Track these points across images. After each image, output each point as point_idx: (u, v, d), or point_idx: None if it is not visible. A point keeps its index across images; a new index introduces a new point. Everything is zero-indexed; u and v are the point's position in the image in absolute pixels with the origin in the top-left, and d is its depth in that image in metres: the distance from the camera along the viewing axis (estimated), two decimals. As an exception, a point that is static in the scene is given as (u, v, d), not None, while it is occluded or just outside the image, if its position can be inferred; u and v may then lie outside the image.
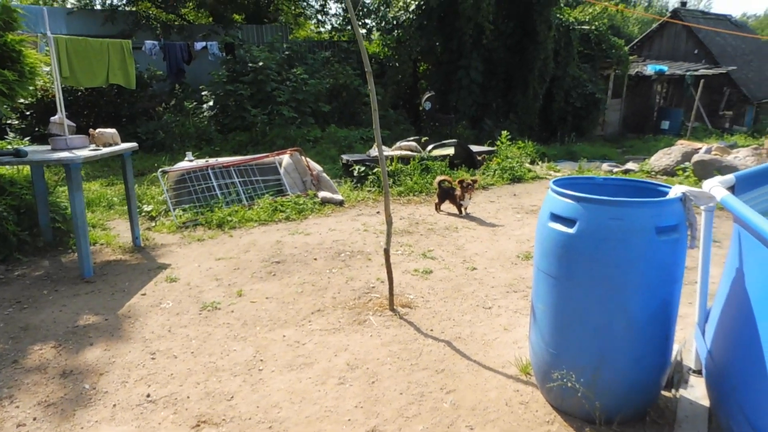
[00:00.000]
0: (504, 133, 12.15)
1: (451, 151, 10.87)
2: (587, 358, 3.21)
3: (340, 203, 8.63)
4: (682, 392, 3.56)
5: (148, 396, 3.66)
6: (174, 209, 7.84)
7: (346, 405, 3.52)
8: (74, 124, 6.90)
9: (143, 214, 7.94)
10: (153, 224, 7.59)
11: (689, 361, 3.86)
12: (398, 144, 11.37)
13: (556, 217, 3.28)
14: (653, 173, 10.95)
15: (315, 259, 6.12)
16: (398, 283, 5.00)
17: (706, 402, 3.44)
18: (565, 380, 3.19)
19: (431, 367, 3.93)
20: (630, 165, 11.79)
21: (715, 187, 3.41)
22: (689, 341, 4.04)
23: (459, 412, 3.44)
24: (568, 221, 3.20)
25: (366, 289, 5.26)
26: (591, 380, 3.17)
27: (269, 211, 7.95)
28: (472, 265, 5.90)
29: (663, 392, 3.55)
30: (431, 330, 4.48)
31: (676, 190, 3.27)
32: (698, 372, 3.75)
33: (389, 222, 4.77)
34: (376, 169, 9.74)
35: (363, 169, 9.90)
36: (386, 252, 4.75)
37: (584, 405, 3.20)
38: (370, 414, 3.43)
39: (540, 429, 3.28)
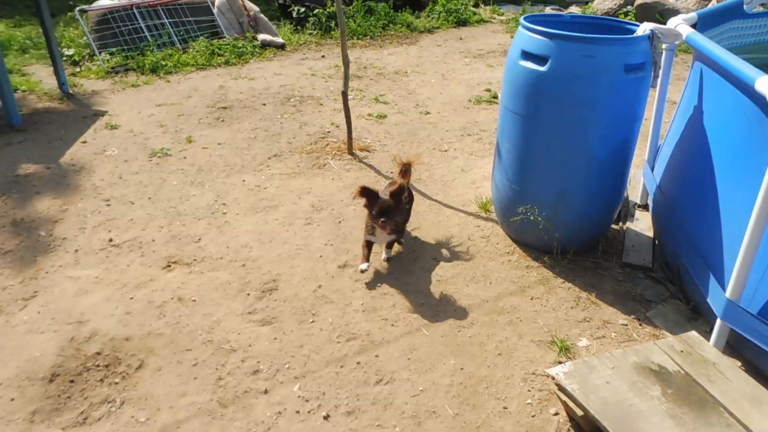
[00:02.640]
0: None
1: (395, -8, 10.30)
2: (549, 193, 3.36)
3: (282, 46, 8.17)
4: (629, 224, 3.85)
5: (111, 240, 3.60)
6: (99, 53, 7.20)
7: (316, 243, 3.61)
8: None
9: (65, 58, 7.24)
10: (78, 69, 6.98)
11: (635, 197, 4.14)
12: (338, -16, 10.63)
13: (527, 55, 3.24)
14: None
15: (263, 104, 5.89)
16: (354, 127, 4.93)
17: (650, 233, 3.75)
18: (528, 214, 3.36)
19: (394, 207, 4.03)
20: (572, 9, 11.64)
21: (681, 24, 3.42)
22: (635, 178, 4.30)
23: (424, 247, 3.60)
24: (540, 59, 3.17)
25: (321, 134, 5.18)
26: (551, 214, 3.35)
27: (206, 54, 7.45)
28: (425, 109, 5.87)
29: (612, 225, 3.82)
30: (391, 172, 4.52)
31: (644, 27, 3.26)
32: (643, 206, 4.04)
33: (346, 63, 4.59)
34: (316, 11, 9.16)
35: (303, 10, 9.29)
36: (344, 95, 4.62)
37: (543, 237, 3.41)
38: (340, 251, 3.54)
39: (501, 259, 3.50)
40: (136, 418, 2.44)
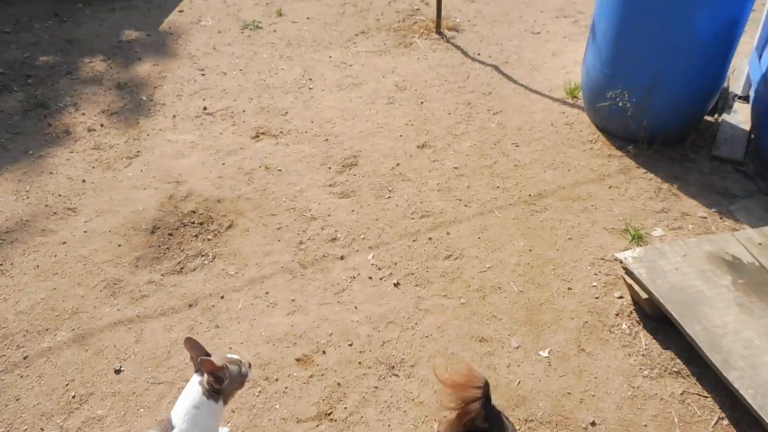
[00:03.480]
0: None
1: None
2: (642, 78, 3.18)
3: None
4: (725, 117, 3.60)
5: (205, 109, 3.81)
6: None
7: (397, 122, 3.65)
8: None
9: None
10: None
11: (736, 88, 3.83)
12: None
13: (635, -77, 2.95)
14: None
15: (353, -22, 5.74)
16: (444, 5, 4.74)
17: (746, 126, 3.51)
18: (617, 100, 3.22)
19: (478, 90, 3.96)
20: None
21: None
22: (739, 68, 3.95)
23: (505, 131, 3.57)
24: (649, -73, 2.88)
25: (410, 11, 5.04)
26: (642, 100, 3.20)
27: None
28: None
29: (706, 117, 3.60)
30: (478, 54, 4.39)
31: None
32: (744, 98, 3.74)
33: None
34: None
35: None
36: (434, -32, 4.42)
37: (630, 125, 3.28)
38: (420, 131, 3.58)
39: (583, 146, 3.43)
40: (227, 271, 2.72)
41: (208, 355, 1.68)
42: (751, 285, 2.35)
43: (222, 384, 1.66)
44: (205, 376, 1.66)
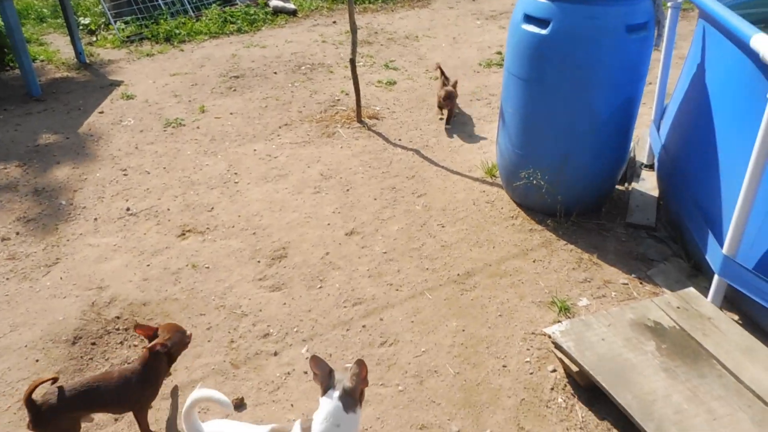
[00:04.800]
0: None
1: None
2: (552, 156, 3.40)
3: (294, 13, 8.14)
4: (634, 185, 3.87)
5: (128, 210, 3.73)
6: (115, 22, 7.27)
7: (324, 211, 3.70)
8: None
9: (81, 27, 7.31)
10: (94, 39, 7.06)
11: (641, 157, 4.14)
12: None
13: (529, 19, 3.23)
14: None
15: (275, 73, 5.93)
16: (363, 95, 4.96)
17: (655, 193, 3.77)
18: (531, 178, 3.40)
19: (402, 174, 4.10)
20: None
21: (685, -18, 3.38)
22: (643, 138, 4.29)
23: (430, 213, 3.68)
24: (542, 22, 3.16)
25: (331, 102, 5.22)
26: (555, 177, 3.39)
27: (219, 22, 7.46)
28: (435, 74, 5.85)
29: (617, 186, 3.85)
30: (399, 139, 4.57)
31: (647, -13, 3.22)
32: (650, 166, 4.04)
33: (354, 30, 4.59)
34: (328, -25, 9.05)
35: (314, -26, 9.18)
36: (352, 62, 4.64)
37: (546, 200, 3.46)
38: (348, 218, 3.63)
39: (505, 223, 3.56)
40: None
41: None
42: (674, 349, 2.46)
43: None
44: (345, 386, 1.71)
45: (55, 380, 2.11)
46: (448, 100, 4.69)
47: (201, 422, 1.96)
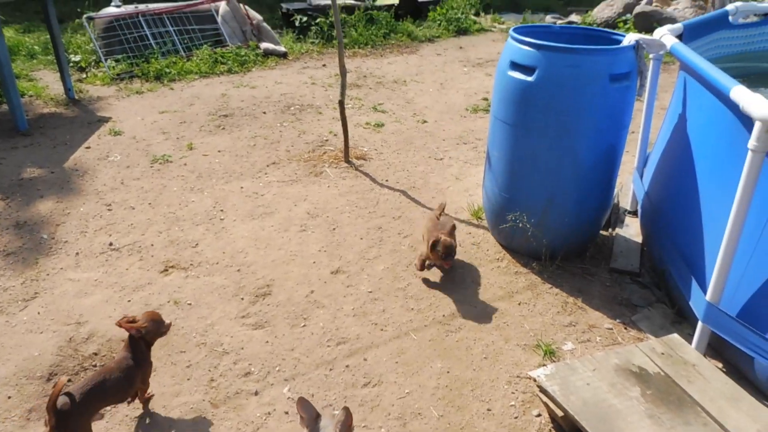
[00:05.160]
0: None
1: (395, 0, 10.43)
2: (537, 200, 3.44)
3: (284, 55, 8.29)
4: (618, 231, 3.91)
5: (111, 244, 3.69)
6: (106, 60, 7.34)
7: (310, 249, 3.69)
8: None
9: (72, 64, 7.38)
10: (84, 76, 7.11)
11: (625, 204, 4.20)
12: (341, -7, 10.76)
13: (515, 66, 3.32)
14: (595, 25, 10.95)
15: (264, 112, 5.99)
16: (351, 136, 5.03)
17: (639, 239, 3.81)
18: (516, 221, 3.43)
19: (388, 214, 4.11)
20: (573, 17, 11.72)
21: (666, 35, 3.50)
22: (626, 185, 4.37)
23: (416, 253, 3.67)
24: (528, 69, 3.25)
25: (319, 143, 5.27)
26: (540, 220, 3.43)
27: (209, 62, 7.57)
28: (422, 118, 5.95)
29: (602, 231, 3.89)
30: (386, 180, 4.61)
31: (629, 38, 3.34)
32: (633, 213, 4.10)
33: (343, 73, 4.68)
34: (318, 20, 9.28)
35: (305, 19, 9.41)
36: (341, 104, 4.71)
37: (532, 243, 3.48)
38: (333, 257, 3.62)
39: (491, 265, 3.57)
40: (131, 416, 2.52)
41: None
42: (659, 395, 2.44)
43: None
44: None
45: (63, 385, 2.16)
46: (448, 258, 3.23)
47: None
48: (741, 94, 2.40)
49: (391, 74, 7.57)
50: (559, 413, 2.37)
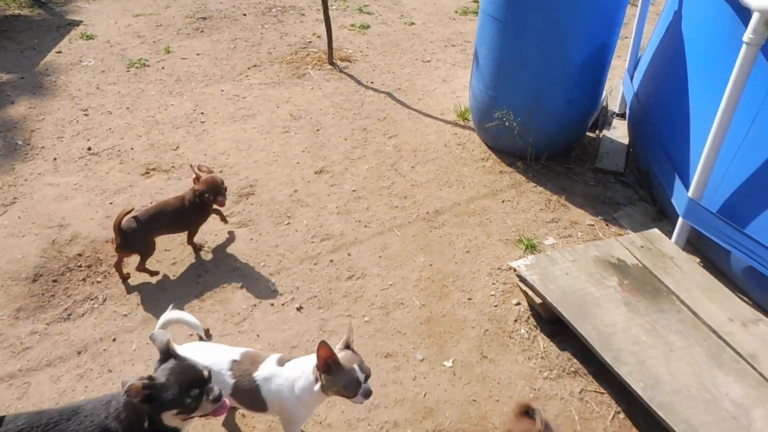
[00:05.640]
0: None
1: None
2: (524, 99, 3.36)
3: (264, -44, 7.84)
4: (605, 132, 3.87)
5: (90, 149, 3.61)
6: (74, -40, 6.91)
7: (293, 150, 3.63)
8: None
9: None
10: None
11: (614, 107, 4.14)
12: None
13: (506, -45, 3.15)
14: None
15: (244, 14, 5.73)
16: (336, 38, 4.84)
17: (625, 140, 3.78)
18: (503, 120, 3.38)
19: (373, 116, 4.03)
20: None
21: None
22: (616, 88, 4.28)
23: (401, 154, 3.64)
24: (519, -40, 3.09)
25: (302, 44, 5.08)
26: (526, 119, 3.37)
27: (185, -37, 7.15)
28: (410, 20, 5.73)
29: (588, 133, 3.85)
30: (372, 82, 4.49)
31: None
32: (621, 115, 4.05)
33: (325, -32, 4.44)
34: None
35: None
36: (324, 2, 4.50)
37: (518, 142, 3.44)
38: (317, 157, 3.57)
39: (476, 164, 3.55)
40: (119, 312, 2.56)
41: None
42: (636, 285, 2.49)
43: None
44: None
45: (130, 211, 2.59)
46: None
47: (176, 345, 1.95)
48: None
49: (377, -25, 7.20)
50: (538, 301, 2.43)
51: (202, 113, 3.99)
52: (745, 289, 2.68)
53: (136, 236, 2.58)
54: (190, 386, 1.55)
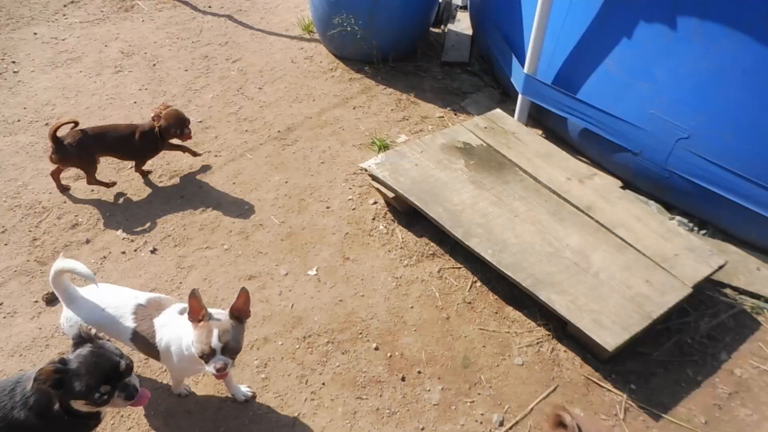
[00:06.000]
0: None
1: None
2: (363, 1, 3.27)
3: None
4: (450, 26, 3.88)
5: None
6: None
7: (129, 90, 3.36)
8: None
9: None
10: None
11: (458, 0, 4.14)
12: None
13: None
14: None
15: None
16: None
17: (469, 32, 3.80)
18: (345, 25, 3.27)
19: (214, 42, 3.80)
20: None
21: None
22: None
23: (247, 77, 3.47)
24: None
25: (125, -25, 4.63)
26: (368, 22, 3.29)
27: None
28: None
29: (433, 29, 3.84)
30: (209, 6, 4.20)
31: None
32: (464, 8, 4.05)
33: None
34: None
35: None
36: None
37: (363, 47, 3.37)
38: (156, 93, 3.33)
39: (324, 76, 3.46)
40: None
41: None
42: (481, 164, 2.57)
43: None
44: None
45: (76, 124, 2.54)
46: None
47: (77, 288, 1.84)
48: None
49: None
50: (391, 195, 2.46)
51: (13, 62, 3.57)
52: (583, 150, 2.85)
53: (72, 149, 2.52)
54: (101, 381, 1.41)
